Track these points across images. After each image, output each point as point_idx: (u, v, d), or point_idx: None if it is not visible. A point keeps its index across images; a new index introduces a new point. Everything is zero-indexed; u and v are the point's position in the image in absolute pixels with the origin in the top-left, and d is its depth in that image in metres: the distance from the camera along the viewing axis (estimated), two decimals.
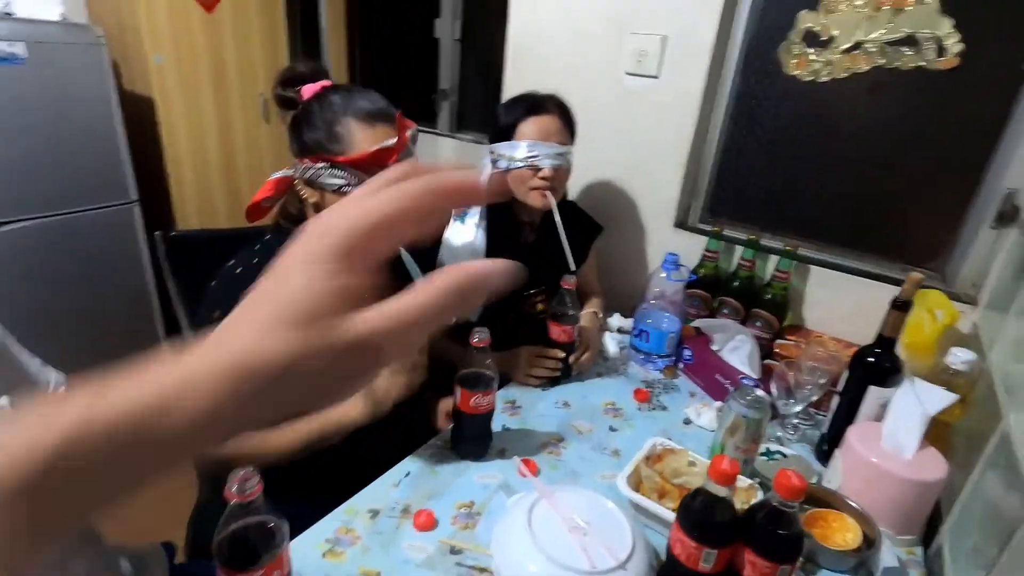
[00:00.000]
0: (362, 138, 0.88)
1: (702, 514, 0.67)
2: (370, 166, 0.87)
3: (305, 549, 0.79)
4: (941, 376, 0.99)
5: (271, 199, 0.95)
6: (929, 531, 0.91)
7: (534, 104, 1.26)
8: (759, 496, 0.87)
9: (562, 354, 1.24)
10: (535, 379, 1.23)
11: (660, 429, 1.12)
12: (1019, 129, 1.13)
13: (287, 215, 0.98)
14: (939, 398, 0.93)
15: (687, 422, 1.16)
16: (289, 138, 0.94)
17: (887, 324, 0.96)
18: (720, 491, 0.66)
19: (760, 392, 0.93)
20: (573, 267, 1.26)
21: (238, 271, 0.92)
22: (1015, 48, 1.12)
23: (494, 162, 1.30)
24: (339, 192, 0.89)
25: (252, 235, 1.00)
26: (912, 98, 1.24)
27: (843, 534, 0.87)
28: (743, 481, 0.89)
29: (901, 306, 0.94)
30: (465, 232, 1.33)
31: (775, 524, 0.66)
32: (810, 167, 1.41)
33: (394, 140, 0.87)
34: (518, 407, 1.15)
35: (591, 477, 0.97)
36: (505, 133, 1.27)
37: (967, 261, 1.22)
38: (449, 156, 2.40)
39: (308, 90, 0.93)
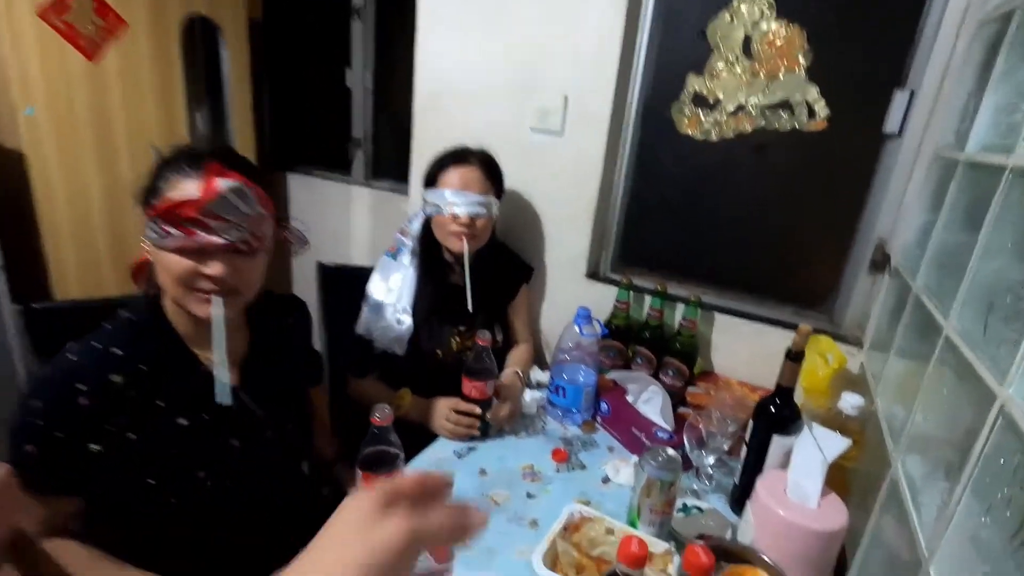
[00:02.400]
0: (169, 188, 0.80)
1: None
2: (170, 217, 0.78)
3: None
4: (836, 420, 1.03)
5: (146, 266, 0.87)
6: None
7: (458, 155, 1.33)
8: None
9: (478, 409, 1.20)
10: (449, 432, 1.21)
11: (579, 491, 1.09)
12: (884, 183, 1.25)
13: (150, 279, 0.88)
14: (835, 444, 0.96)
15: (606, 480, 1.14)
16: None
17: (783, 374, 1.00)
18: (633, 574, 0.64)
19: (671, 452, 0.93)
20: (470, 307, 1.29)
21: (71, 359, 0.81)
22: (875, 112, 1.24)
23: (423, 206, 1.34)
24: (158, 246, 0.81)
25: (117, 306, 0.90)
26: (792, 156, 1.35)
27: None
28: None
29: (794, 357, 0.98)
30: (396, 269, 1.36)
31: None
32: (709, 219, 1.48)
33: (197, 193, 0.79)
34: None
35: (507, 553, 0.92)
36: (432, 181, 1.33)
37: (851, 305, 1.31)
38: (364, 204, 2.35)
39: None
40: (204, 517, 0.88)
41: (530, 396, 1.36)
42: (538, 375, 1.47)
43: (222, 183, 0.79)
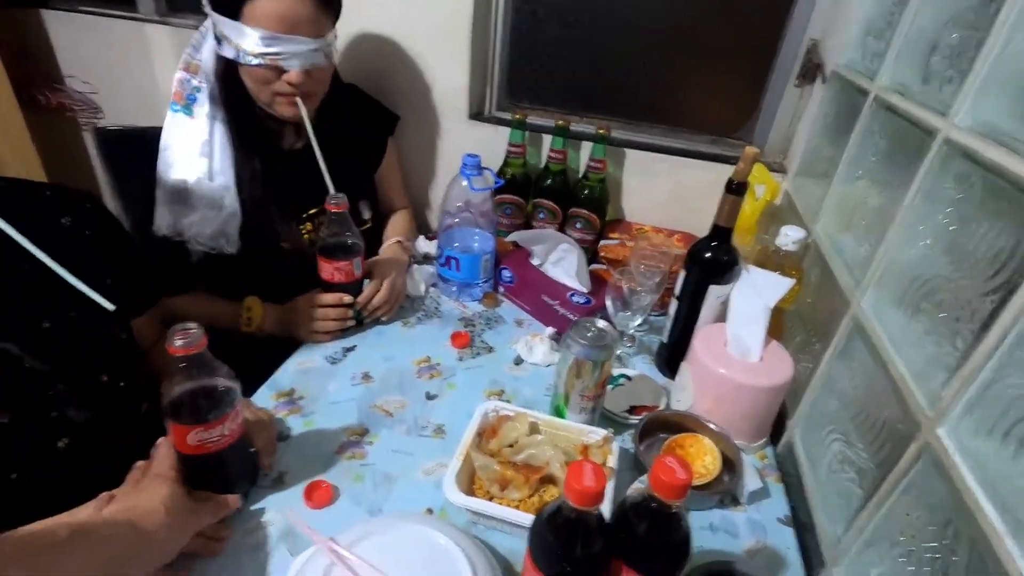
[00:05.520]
0: None
1: (563, 543, 0.46)
2: None
3: None
4: (771, 259, 0.90)
5: None
6: (775, 429, 0.85)
7: None
8: (614, 450, 0.71)
9: (347, 297, 0.93)
10: (323, 335, 0.93)
11: (488, 380, 0.90)
12: None
13: None
14: (776, 286, 0.84)
15: (518, 362, 0.95)
16: None
17: (722, 212, 0.82)
18: (585, 511, 0.45)
19: (600, 323, 0.74)
20: (331, 188, 0.92)
21: None
22: None
23: (219, 41, 0.87)
24: None
25: None
26: None
27: (701, 459, 0.76)
28: (595, 435, 0.72)
29: (736, 189, 0.79)
30: (195, 128, 0.91)
31: (658, 531, 0.47)
32: (611, 38, 1.19)
33: None
34: (298, 399, 0.83)
35: (410, 476, 0.72)
36: (229, 6, 0.84)
37: (774, 127, 1.15)
38: (164, 49, 1.73)
39: None
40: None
41: (418, 273, 1.10)
42: (424, 246, 1.20)
43: None
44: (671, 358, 0.93)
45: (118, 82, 1.53)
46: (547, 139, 1.21)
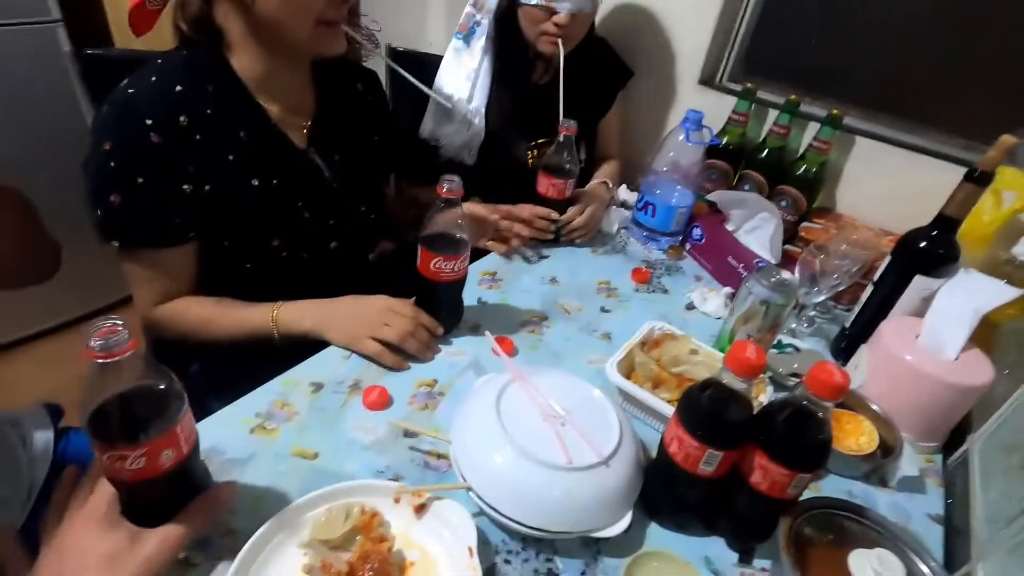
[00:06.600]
0: None
1: (711, 410, 0.54)
2: None
3: (231, 423, 0.66)
4: (1000, 269, 0.83)
5: None
6: (951, 439, 0.80)
7: None
8: (768, 392, 0.75)
9: (554, 213, 1.07)
10: (519, 238, 1.07)
11: (659, 313, 0.98)
12: None
13: (191, 19, 0.74)
14: (997, 292, 0.78)
15: (690, 307, 1.01)
16: None
17: (954, 201, 0.78)
18: (737, 384, 0.52)
19: (787, 274, 0.77)
20: (562, 116, 1.05)
21: (130, 92, 0.71)
22: None
23: None
24: None
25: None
26: None
27: (856, 437, 0.76)
28: None
29: (980, 178, 0.75)
30: (469, 57, 1.12)
31: (800, 426, 0.52)
32: (874, 17, 1.14)
33: None
34: (498, 280, 0.99)
35: (576, 360, 0.84)
36: None
37: None
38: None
39: None
40: (279, 287, 0.82)
41: (614, 214, 1.20)
42: (625, 194, 1.30)
43: None
44: (849, 345, 0.91)
45: (394, 20, 1.85)
46: (771, 115, 1.21)
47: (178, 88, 0.72)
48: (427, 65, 1.17)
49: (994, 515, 0.63)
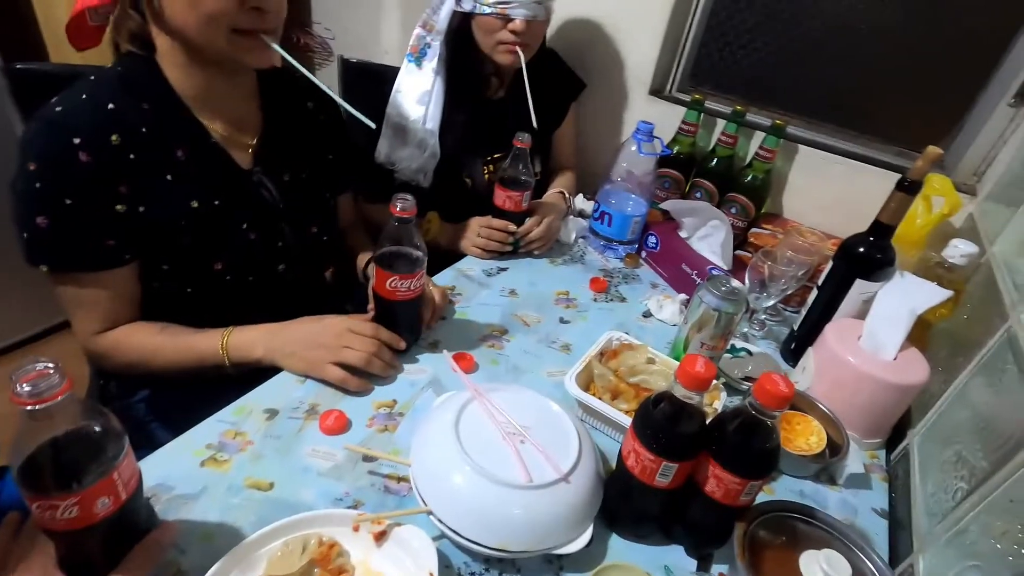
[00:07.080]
0: None
1: (664, 423, 0.55)
2: None
3: (180, 456, 0.64)
4: (933, 271, 0.88)
5: (99, 9, 0.69)
6: (893, 435, 0.84)
7: None
8: (723, 398, 0.77)
9: (512, 226, 1.07)
10: (483, 252, 1.09)
11: (617, 322, 0.99)
12: None
13: (128, 35, 0.71)
14: (930, 294, 0.82)
15: (647, 315, 1.03)
16: None
17: (888, 208, 0.82)
18: (689, 397, 0.53)
19: (736, 283, 0.80)
20: (535, 124, 1.05)
21: (58, 109, 0.68)
22: None
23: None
24: None
25: None
26: None
27: (806, 437, 0.79)
28: None
29: (909, 187, 0.79)
30: (421, 79, 1.10)
31: (749, 435, 0.54)
32: (811, 31, 1.20)
33: None
34: (457, 294, 0.99)
35: (536, 374, 0.85)
36: None
37: (973, 146, 1.08)
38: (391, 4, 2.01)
39: None
40: (226, 312, 0.80)
41: (572, 223, 1.22)
42: (581, 203, 1.31)
43: None
44: (798, 347, 0.95)
45: (348, 27, 1.83)
46: (719, 125, 1.25)
47: (110, 106, 0.69)
48: (383, 76, 1.15)
49: (932, 508, 0.67)
